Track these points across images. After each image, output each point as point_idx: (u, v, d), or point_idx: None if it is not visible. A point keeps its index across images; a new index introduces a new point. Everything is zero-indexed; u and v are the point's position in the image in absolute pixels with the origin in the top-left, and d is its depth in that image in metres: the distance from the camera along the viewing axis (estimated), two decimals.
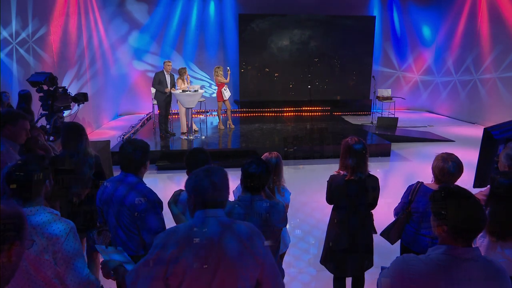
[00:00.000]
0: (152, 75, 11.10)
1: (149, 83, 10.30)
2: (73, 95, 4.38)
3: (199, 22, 11.41)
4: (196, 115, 10.36)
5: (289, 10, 11.34)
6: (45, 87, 3.94)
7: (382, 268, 1.60)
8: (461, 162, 2.40)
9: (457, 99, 11.23)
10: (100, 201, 2.22)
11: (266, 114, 11.08)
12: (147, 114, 10.16)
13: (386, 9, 12.00)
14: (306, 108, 11.47)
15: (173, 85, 7.53)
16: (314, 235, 4.28)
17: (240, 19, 11.03)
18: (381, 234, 2.65)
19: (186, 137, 7.52)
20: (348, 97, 11.94)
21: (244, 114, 11.09)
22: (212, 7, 11.40)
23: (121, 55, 11.05)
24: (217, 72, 8.12)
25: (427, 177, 5.78)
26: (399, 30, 12.22)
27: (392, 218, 2.65)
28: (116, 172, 5.73)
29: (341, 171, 2.66)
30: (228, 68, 8.51)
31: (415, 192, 2.47)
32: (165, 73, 7.35)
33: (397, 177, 6.08)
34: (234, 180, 2.06)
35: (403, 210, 2.51)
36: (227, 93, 8.07)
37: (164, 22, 11.24)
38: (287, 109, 11.36)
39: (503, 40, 9.45)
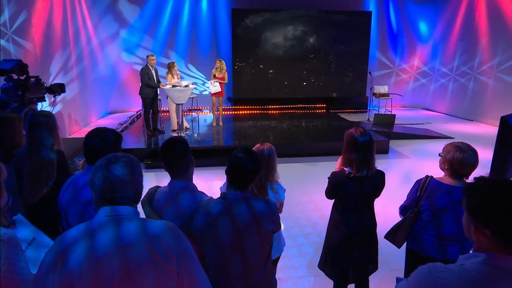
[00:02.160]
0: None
1: (139, 80, 9.96)
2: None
3: (191, 18, 11.09)
4: (187, 113, 10.05)
5: (284, 5, 11.06)
6: (15, 76, 3.59)
7: (398, 280, 1.30)
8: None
9: (454, 96, 11.02)
10: (62, 203, 1.89)
11: (260, 111, 10.79)
12: (137, 112, 9.81)
13: (382, 4, 11.77)
14: (301, 106, 11.20)
15: (158, 79, 7.21)
16: (312, 238, 3.99)
17: (233, 14, 10.73)
18: (386, 237, 2.35)
19: (176, 135, 7.19)
20: (344, 94, 11.68)
21: (238, 112, 10.79)
22: (204, 1, 11.09)
23: (110, 52, 10.69)
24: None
25: (427, 173, 5.48)
26: (395, 26, 11.99)
27: (393, 218, 2.36)
28: None
29: (344, 168, 2.33)
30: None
31: (424, 187, 2.17)
32: (150, 67, 7.02)
33: (397, 175, 5.82)
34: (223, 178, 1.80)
35: (411, 208, 2.21)
36: (214, 88, 7.74)
37: (155, 17, 10.91)
38: (282, 106, 11.08)
39: (502, 35, 9.25)
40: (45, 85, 3.92)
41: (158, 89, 7.05)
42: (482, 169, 5.36)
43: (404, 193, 5.20)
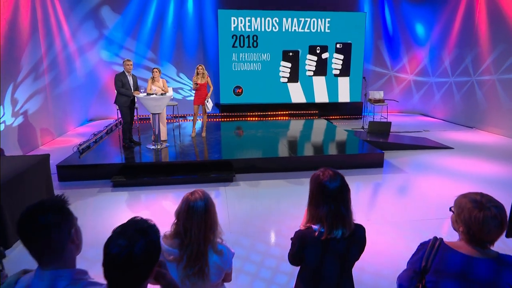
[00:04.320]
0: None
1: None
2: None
3: (177, 19, 10.54)
4: (171, 120, 9.47)
5: (274, 6, 10.52)
6: None
7: None
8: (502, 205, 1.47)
9: (453, 101, 10.49)
10: None
11: (249, 118, 10.23)
12: (116, 120, 9.22)
13: (377, 5, 11.24)
14: (292, 112, 10.64)
15: (136, 87, 6.63)
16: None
17: (220, 15, 10.17)
18: None
19: (153, 147, 6.61)
20: (337, 100, 11.13)
21: (226, 119, 10.22)
22: (190, 2, 10.53)
23: (90, 57, 10.11)
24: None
25: (424, 191, 4.81)
26: (391, 28, 11.47)
27: (383, 248, 1.76)
28: (60, 191, 4.81)
29: (312, 225, 1.69)
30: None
31: (432, 256, 1.50)
32: (127, 74, 6.43)
33: (392, 192, 5.26)
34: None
35: (414, 283, 1.52)
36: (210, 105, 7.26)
37: (138, 19, 10.35)
38: (272, 113, 10.52)
39: (503, 38, 8.72)
40: None
41: (137, 97, 6.46)
42: (486, 187, 4.81)
43: (397, 217, 4.48)
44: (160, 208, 4.67)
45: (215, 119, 10.17)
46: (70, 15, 9.38)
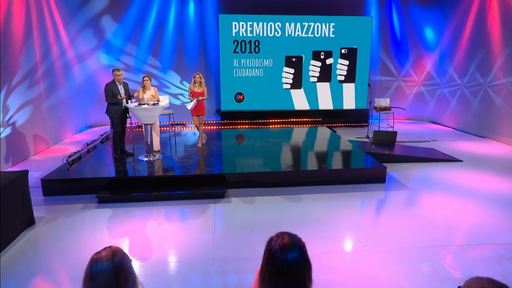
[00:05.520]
0: (128, 82, 10.06)
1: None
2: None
3: (178, 24, 10.33)
4: (168, 128, 9.24)
5: (276, 10, 10.22)
6: None
7: None
8: None
9: (464, 109, 10.02)
10: None
11: (249, 126, 9.94)
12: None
13: (385, 9, 10.85)
14: (294, 120, 10.31)
15: (129, 95, 6.40)
16: None
17: (221, 20, 9.91)
18: None
19: (145, 158, 6.37)
20: (342, 107, 10.76)
21: (225, 126, 9.95)
22: (191, 7, 10.31)
23: (89, 63, 9.98)
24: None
25: (428, 212, 4.40)
26: (399, 32, 11.05)
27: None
28: (38, 214, 4.57)
29: None
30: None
31: None
32: (117, 83, 6.20)
33: (392, 213, 4.89)
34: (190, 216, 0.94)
35: None
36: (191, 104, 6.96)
37: (138, 24, 10.18)
38: (273, 120, 10.21)
39: None
40: None
41: (128, 107, 6.22)
42: (496, 206, 4.39)
43: (397, 243, 4.11)
44: (139, 227, 4.40)
45: (215, 127, 9.91)
46: (69, 22, 9.26)
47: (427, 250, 3.82)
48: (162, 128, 9.24)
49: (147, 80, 6.55)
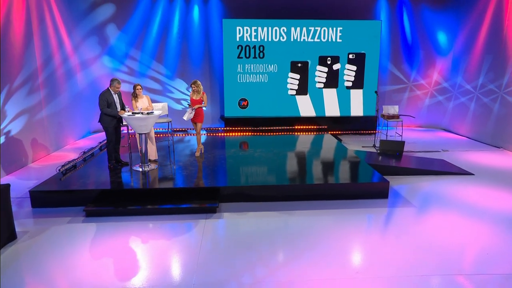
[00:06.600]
0: (130, 87, 10.00)
1: (126, 97, 9.21)
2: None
3: (182, 29, 10.21)
4: (162, 135, 9.10)
5: (281, 15, 9.98)
6: None
7: None
8: None
9: (477, 117, 9.54)
10: None
11: (253, 133, 9.72)
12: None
13: (395, 13, 10.47)
14: (300, 127, 10.03)
15: (123, 106, 6.27)
16: None
17: (225, 25, 9.73)
18: None
19: (140, 169, 6.21)
20: (350, 113, 10.42)
21: (229, 133, 9.75)
22: (196, 12, 10.18)
23: (93, 68, 9.95)
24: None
25: (431, 233, 4.03)
26: (410, 36, 10.65)
27: None
28: (22, 228, 4.45)
29: None
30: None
31: None
32: (112, 93, 6.07)
33: (392, 235, 4.56)
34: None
35: None
36: (189, 115, 6.78)
37: (142, 29, 10.11)
38: (278, 128, 9.96)
39: None
40: None
41: (122, 116, 6.09)
42: (509, 228, 4.00)
43: (395, 270, 3.80)
44: (121, 246, 4.21)
45: (218, 134, 9.73)
46: (73, 30, 9.23)
47: (428, 280, 3.50)
48: (161, 135, 9.10)
49: (139, 88, 6.41)
